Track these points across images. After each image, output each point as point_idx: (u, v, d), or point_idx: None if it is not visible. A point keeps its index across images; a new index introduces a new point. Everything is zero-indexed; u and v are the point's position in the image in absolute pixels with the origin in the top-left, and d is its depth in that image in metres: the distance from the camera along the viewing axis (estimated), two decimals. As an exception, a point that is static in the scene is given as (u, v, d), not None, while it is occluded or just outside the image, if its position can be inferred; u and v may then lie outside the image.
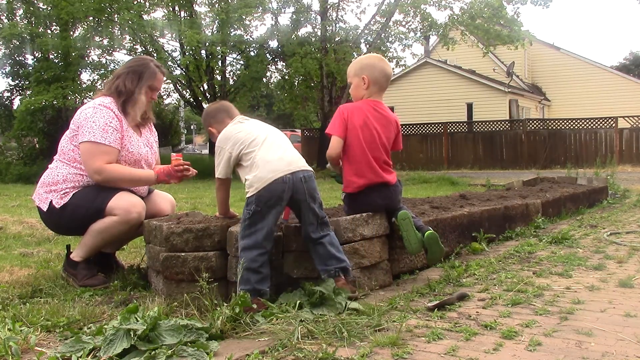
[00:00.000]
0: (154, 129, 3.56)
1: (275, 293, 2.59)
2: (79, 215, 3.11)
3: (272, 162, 2.61)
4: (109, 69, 17.26)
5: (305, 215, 2.64)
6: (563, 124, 18.89)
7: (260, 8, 17.42)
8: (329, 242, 2.62)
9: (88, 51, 18.14)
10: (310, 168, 2.73)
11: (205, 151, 29.26)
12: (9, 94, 21.16)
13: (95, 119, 3.10)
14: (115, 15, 16.66)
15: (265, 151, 2.65)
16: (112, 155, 3.11)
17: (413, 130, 20.67)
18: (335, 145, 2.99)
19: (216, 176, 2.80)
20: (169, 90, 22.87)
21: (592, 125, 18.38)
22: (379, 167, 2.99)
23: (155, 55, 16.34)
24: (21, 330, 2.17)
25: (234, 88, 19.23)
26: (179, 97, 23.06)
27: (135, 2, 16.81)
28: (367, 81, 3.04)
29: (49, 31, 18.36)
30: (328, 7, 17.56)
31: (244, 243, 2.54)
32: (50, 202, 3.16)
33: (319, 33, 17.83)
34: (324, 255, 2.59)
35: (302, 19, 18.22)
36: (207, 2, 18.61)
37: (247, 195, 2.59)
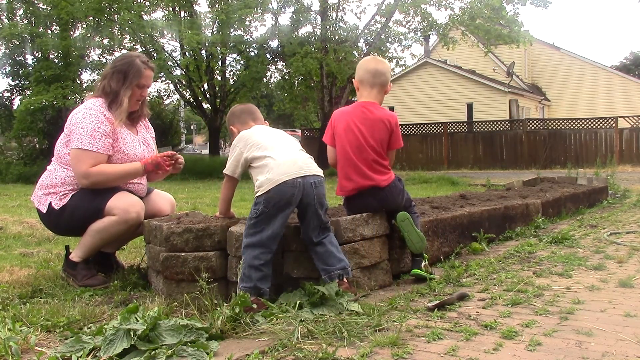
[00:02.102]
0: (150, 126, 3.53)
1: (275, 293, 2.59)
2: (78, 216, 3.11)
3: (284, 164, 2.60)
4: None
5: (310, 220, 2.62)
6: (563, 124, 18.89)
7: (261, 8, 17.42)
8: (329, 242, 2.63)
9: (88, 51, 18.15)
10: (321, 173, 2.71)
11: (205, 151, 29.28)
12: (9, 94, 21.19)
13: (83, 125, 3.07)
14: (115, 16, 16.66)
15: (278, 154, 2.64)
16: (99, 161, 3.09)
17: (413, 130, 20.66)
18: (330, 154, 3.15)
19: (223, 171, 2.81)
20: (169, 90, 22.89)
21: (592, 125, 18.38)
22: (369, 169, 2.96)
23: (155, 55, 16.34)
24: (21, 330, 2.17)
25: (234, 88, 19.23)
26: (179, 97, 23.05)
27: (135, 3, 16.81)
28: (356, 83, 3.16)
29: (49, 31, 18.36)
30: (328, 7, 17.55)
31: (247, 241, 2.53)
32: (50, 203, 3.15)
33: (318, 33, 17.83)
34: (324, 255, 2.59)
35: (302, 19, 18.22)
36: (207, 2, 18.61)
37: (256, 195, 2.58)
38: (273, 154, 2.64)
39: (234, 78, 19.66)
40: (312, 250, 2.63)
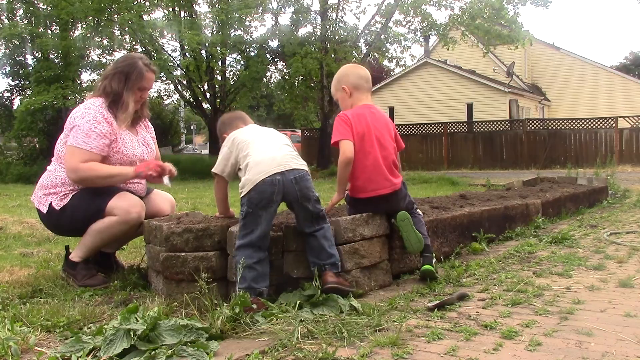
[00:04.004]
0: (150, 125, 3.52)
1: (275, 293, 2.59)
2: (79, 216, 3.10)
3: (263, 162, 2.60)
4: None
5: (298, 212, 2.66)
6: (563, 124, 18.88)
7: (260, 8, 17.41)
8: (322, 236, 2.63)
9: (88, 51, 18.14)
10: (303, 167, 2.69)
11: (205, 151, 29.25)
12: (9, 94, 21.21)
13: (81, 124, 3.07)
14: (116, 16, 16.64)
15: (257, 152, 2.66)
16: (92, 159, 3.07)
17: (413, 130, 20.65)
18: (349, 147, 2.89)
19: (212, 170, 2.83)
20: (169, 90, 22.88)
21: (592, 125, 18.36)
22: (389, 171, 3.00)
23: (155, 55, 16.34)
24: (21, 330, 2.17)
25: (234, 88, 19.22)
26: (179, 97, 23.03)
27: (135, 3, 16.79)
28: (348, 89, 3.11)
29: (49, 31, 18.35)
30: (328, 7, 17.55)
31: (238, 243, 2.57)
32: (50, 204, 3.15)
33: (318, 33, 17.83)
34: (315, 248, 2.61)
35: (302, 19, 18.21)
36: (207, 2, 18.60)
37: (241, 196, 2.61)
38: (253, 152, 2.66)
39: (234, 78, 19.64)
40: (307, 242, 2.65)
